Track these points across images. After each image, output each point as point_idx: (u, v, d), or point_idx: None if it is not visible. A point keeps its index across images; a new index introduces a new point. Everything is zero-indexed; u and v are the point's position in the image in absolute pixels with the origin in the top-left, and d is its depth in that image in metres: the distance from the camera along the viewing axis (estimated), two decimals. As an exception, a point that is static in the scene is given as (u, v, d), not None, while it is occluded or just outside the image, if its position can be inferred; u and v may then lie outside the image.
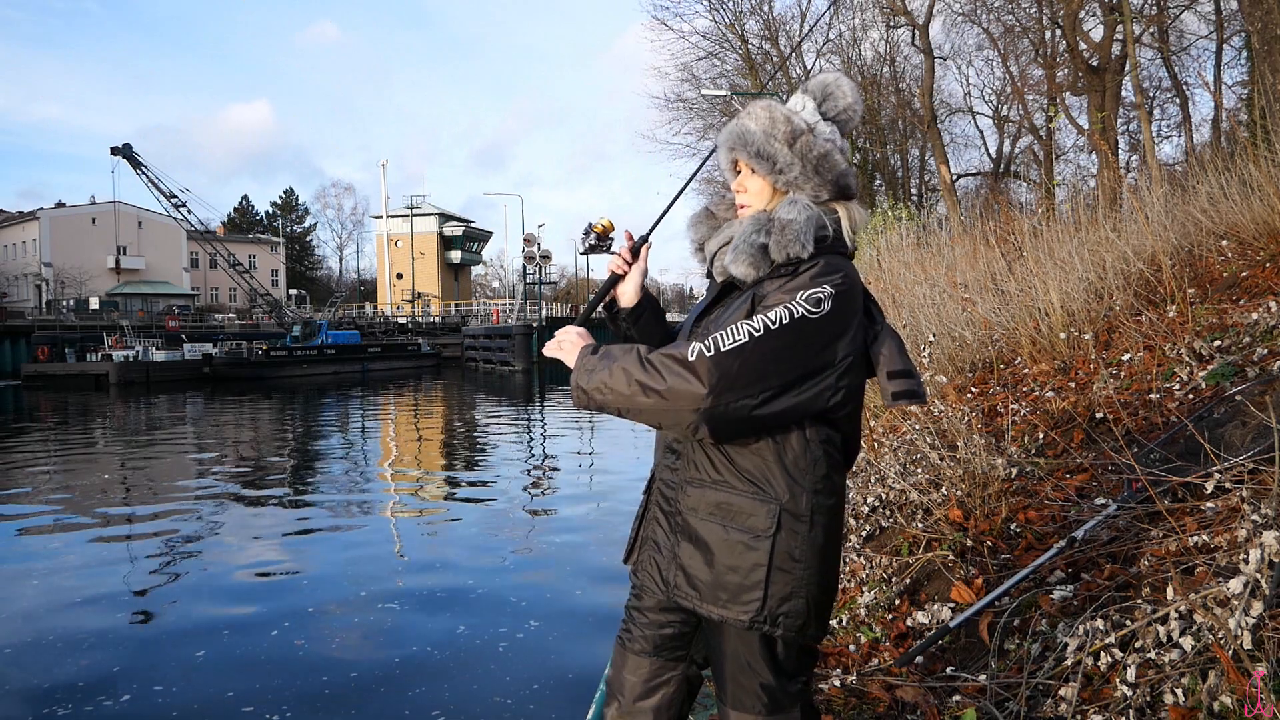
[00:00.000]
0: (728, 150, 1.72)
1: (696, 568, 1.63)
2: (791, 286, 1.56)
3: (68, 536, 8.33)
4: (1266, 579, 1.82)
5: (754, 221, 1.64)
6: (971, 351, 6.01)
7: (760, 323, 1.51)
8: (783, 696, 1.65)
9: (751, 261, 1.60)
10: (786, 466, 1.59)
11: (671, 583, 1.68)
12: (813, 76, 1.79)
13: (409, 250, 62.44)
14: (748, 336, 1.49)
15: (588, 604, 6.00)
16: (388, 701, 4.48)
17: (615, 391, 1.55)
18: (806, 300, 1.53)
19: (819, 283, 1.55)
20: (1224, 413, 3.09)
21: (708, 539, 1.62)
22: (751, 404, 1.50)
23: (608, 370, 1.56)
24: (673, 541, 1.69)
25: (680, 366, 1.50)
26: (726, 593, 1.59)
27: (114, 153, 38.90)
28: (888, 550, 3.50)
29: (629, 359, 1.55)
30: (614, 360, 1.57)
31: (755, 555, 1.57)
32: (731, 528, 1.60)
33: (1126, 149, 20.70)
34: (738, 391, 1.49)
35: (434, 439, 16.49)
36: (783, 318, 1.51)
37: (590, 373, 1.59)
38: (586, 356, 1.62)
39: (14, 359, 37.90)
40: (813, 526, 1.59)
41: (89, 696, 4.60)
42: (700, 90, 24.20)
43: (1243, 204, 5.61)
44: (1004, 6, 19.15)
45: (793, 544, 1.58)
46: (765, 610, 1.57)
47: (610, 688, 1.85)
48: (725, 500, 1.61)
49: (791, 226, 1.59)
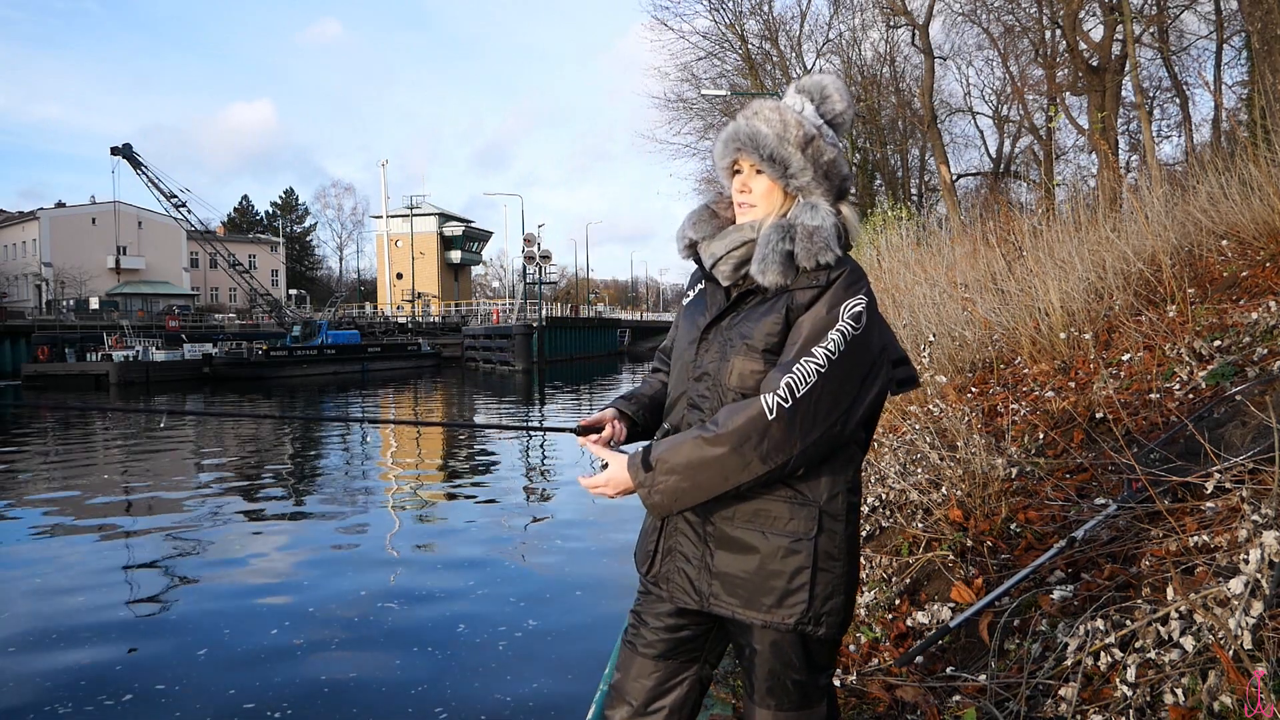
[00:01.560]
0: (733, 151, 1.68)
1: (736, 575, 1.63)
2: (831, 300, 1.58)
3: (69, 536, 8.34)
4: (1266, 579, 1.82)
5: (777, 229, 1.63)
6: (971, 351, 6.02)
7: (822, 356, 1.54)
8: (814, 691, 1.69)
9: (781, 270, 1.60)
10: (826, 469, 1.62)
11: (705, 592, 1.67)
12: (808, 76, 1.78)
13: (409, 250, 62.43)
14: (816, 376, 1.53)
15: (587, 604, 6.01)
16: (389, 700, 4.48)
17: (698, 487, 1.55)
18: (851, 318, 1.57)
19: (853, 293, 1.60)
20: (1224, 413, 3.09)
21: (749, 545, 1.62)
22: (838, 430, 1.56)
23: (672, 475, 1.55)
24: (702, 551, 1.68)
25: (760, 429, 1.51)
26: (771, 597, 1.60)
27: (114, 153, 38.88)
28: (888, 550, 3.50)
29: (690, 449, 1.54)
30: (677, 458, 1.55)
31: (798, 558, 1.59)
32: (771, 533, 1.61)
33: (1126, 149, 20.72)
34: (821, 427, 1.53)
35: (434, 439, 16.50)
36: (840, 344, 1.55)
37: (654, 488, 1.57)
38: (639, 473, 1.59)
39: (14, 359, 37.87)
40: (847, 524, 1.64)
41: (92, 694, 4.61)
42: (700, 90, 24.18)
43: (1243, 204, 5.62)
44: (1004, 6, 19.16)
45: (831, 544, 1.62)
46: (811, 611, 1.60)
47: (616, 692, 1.82)
48: (763, 507, 1.62)
49: (820, 233, 1.60)
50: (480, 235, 71.90)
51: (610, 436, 1.80)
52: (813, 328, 1.57)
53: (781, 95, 1.80)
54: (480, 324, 48.23)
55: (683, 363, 1.75)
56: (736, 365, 1.63)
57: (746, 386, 1.62)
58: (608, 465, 1.70)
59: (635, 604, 1.85)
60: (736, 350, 1.64)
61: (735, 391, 1.62)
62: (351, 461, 13.65)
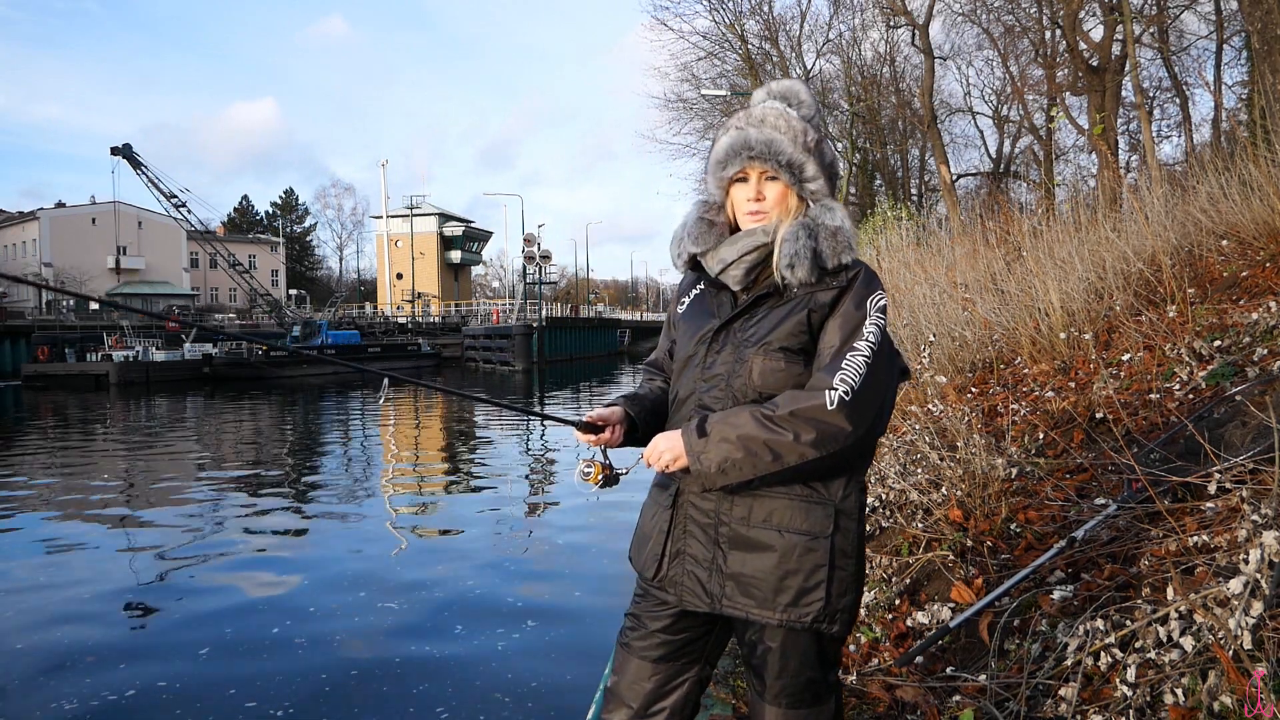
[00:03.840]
0: (744, 160, 1.67)
1: (750, 575, 1.63)
2: (857, 297, 1.63)
3: (71, 536, 8.34)
4: (1266, 579, 1.82)
5: (803, 227, 1.65)
6: (971, 351, 6.02)
7: (866, 349, 1.59)
8: (824, 688, 1.71)
9: (810, 267, 1.62)
10: (843, 467, 1.65)
11: (717, 594, 1.67)
12: (775, 81, 1.79)
13: (409, 250, 62.41)
14: (866, 368, 1.57)
15: (586, 603, 6.01)
16: (389, 699, 4.49)
17: (750, 459, 1.56)
18: (879, 311, 1.63)
19: (874, 288, 1.65)
20: (1224, 413, 3.09)
21: (765, 545, 1.63)
22: (883, 419, 1.64)
23: (726, 444, 1.57)
24: (714, 553, 1.68)
25: (821, 417, 1.54)
26: (787, 596, 1.61)
27: (114, 153, 38.86)
28: (888, 550, 3.51)
29: (748, 422, 1.56)
30: (734, 429, 1.57)
31: (815, 556, 1.61)
32: (788, 532, 1.62)
33: (1126, 149, 20.70)
34: (870, 413, 1.59)
35: (434, 439, 16.50)
36: (878, 337, 1.61)
37: (704, 454, 1.59)
38: (693, 439, 1.60)
39: (14, 359, 37.87)
40: (858, 522, 1.67)
41: (95, 690, 4.63)
42: (700, 90, 24.18)
43: (1243, 204, 5.62)
44: (1004, 6, 19.15)
45: (846, 542, 1.64)
46: (827, 609, 1.61)
47: (614, 695, 1.81)
48: (779, 506, 1.63)
49: (842, 234, 1.65)
50: (480, 235, 71.89)
51: (608, 440, 1.80)
52: (848, 325, 1.61)
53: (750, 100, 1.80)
54: (480, 324, 48.20)
55: (692, 365, 1.74)
56: (756, 364, 1.64)
57: (769, 384, 1.63)
58: (599, 460, 1.77)
59: (632, 606, 1.84)
60: (754, 350, 1.65)
61: (757, 390, 1.63)
62: (352, 462, 13.65)
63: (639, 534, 1.85)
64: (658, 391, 1.91)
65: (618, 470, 1.81)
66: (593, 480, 1.79)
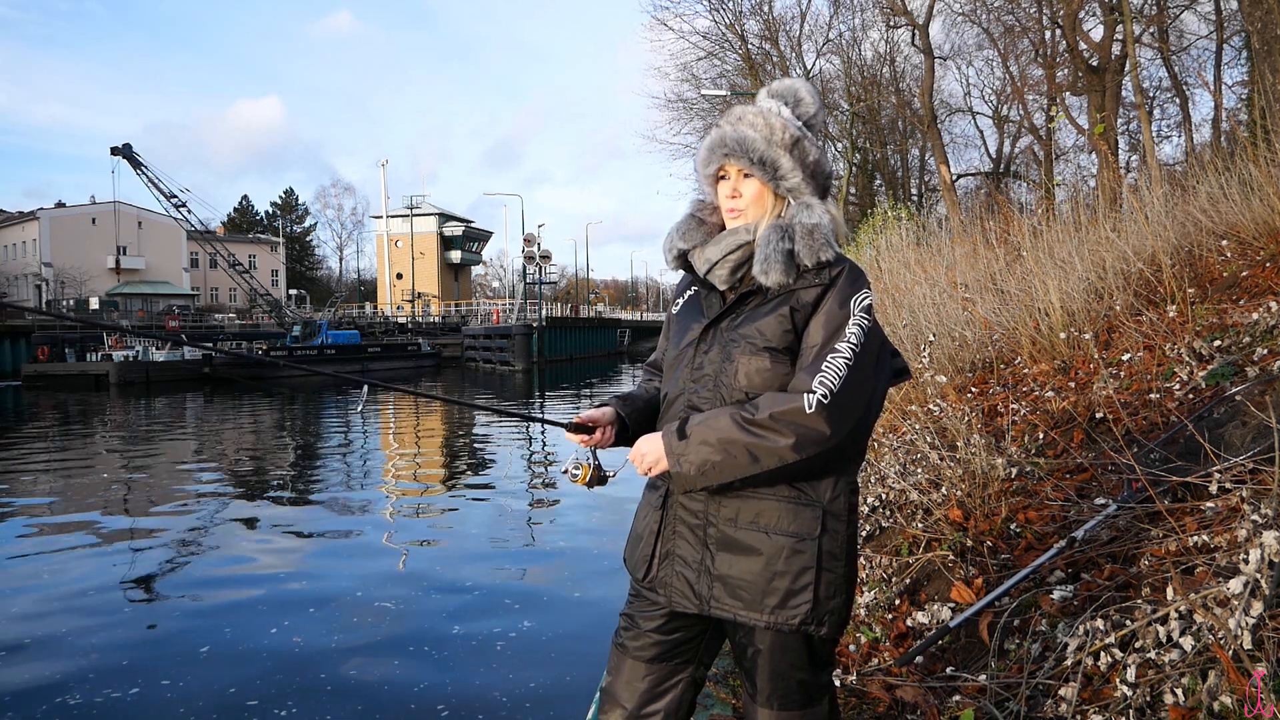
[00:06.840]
0: (720, 158, 1.69)
1: (738, 577, 1.63)
2: (840, 296, 1.61)
3: (72, 536, 8.34)
4: (1266, 579, 1.82)
5: (776, 229, 1.64)
6: (971, 351, 6.01)
7: (848, 350, 1.57)
8: (816, 690, 1.70)
9: (783, 269, 1.62)
10: (831, 469, 1.63)
11: (705, 595, 1.66)
12: (776, 81, 1.80)
13: (409, 250, 62.42)
14: (846, 370, 1.56)
15: (584, 603, 6.01)
16: (389, 698, 4.49)
17: (728, 462, 1.56)
18: (863, 310, 1.61)
19: (859, 287, 1.63)
20: (1224, 413, 3.09)
21: (751, 547, 1.62)
22: (869, 416, 1.61)
23: (705, 446, 1.57)
24: (702, 554, 1.67)
25: (799, 421, 1.53)
26: (775, 598, 1.61)
27: (114, 153, 38.84)
28: (888, 550, 3.50)
29: (727, 425, 1.56)
30: (713, 432, 1.57)
31: (802, 559, 1.60)
32: (775, 533, 1.61)
33: (1126, 149, 20.70)
34: (852, 416, 1.56)
35: (433, 439, 16.50)
36: (860, 337, 1.59)
37: (684, 458, 1.59)
38: (673, 442, 1.61)
39: (14, 359, 37.86)
40: (849, 524, 1.65)
41: (98, 688, 4.64)
42: (700, 90, 24.17)
43: (1243, 204, 5.62)
44: (1004, 6, 19.14)
45: (834, 544, 1.63)
46: (815, 611, 1.60)
47: (609, 696, 1.81)
48: (767, 508, 1.62)
49: (819, 231, 1.62)
50: (480, 235, 71.90)
51: (598, 440, 1.80)
52: (830, 325, 1.59)
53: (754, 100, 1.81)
54: (480, 324, 48.20)
55: (681, 365, 1.75)
56: (742, 364, 1.63)
57: (754, 384, 1.62)
58: (588, 461, 1.77)
59: (626, 606, 1.84)
60: (740, 349, 1.64)
61: (742, 390, 1.63)
62: (351, 462, 13.65)
63: (632, 535, 1.85)
64: (653, 391, 1.91)
65: (606, 471, 1.82)
66: (581, 480, 1.80)
